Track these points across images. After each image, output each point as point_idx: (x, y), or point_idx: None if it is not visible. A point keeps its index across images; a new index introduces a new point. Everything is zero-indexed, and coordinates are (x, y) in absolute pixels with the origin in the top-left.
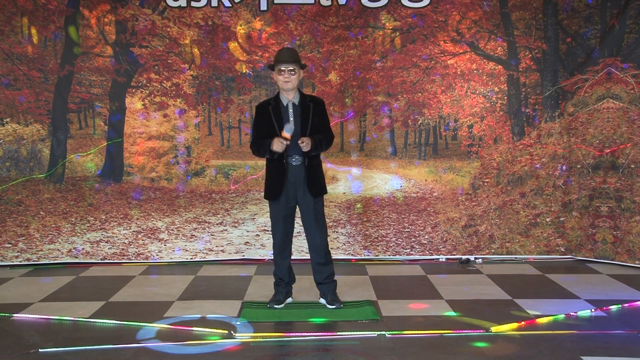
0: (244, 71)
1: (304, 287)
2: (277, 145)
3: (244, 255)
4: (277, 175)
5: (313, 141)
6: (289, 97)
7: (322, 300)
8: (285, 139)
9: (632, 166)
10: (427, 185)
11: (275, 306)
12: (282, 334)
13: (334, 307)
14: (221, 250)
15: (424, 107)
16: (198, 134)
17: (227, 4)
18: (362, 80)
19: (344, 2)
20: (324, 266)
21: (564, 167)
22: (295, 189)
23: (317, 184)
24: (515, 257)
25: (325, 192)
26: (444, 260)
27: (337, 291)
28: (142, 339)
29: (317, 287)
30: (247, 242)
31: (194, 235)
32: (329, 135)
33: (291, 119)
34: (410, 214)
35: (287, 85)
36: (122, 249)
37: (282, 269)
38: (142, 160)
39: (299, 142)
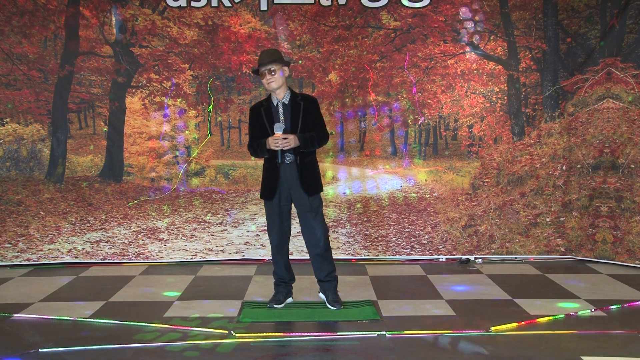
0: (244, 71)
1: (304, 287)
2: (273, 144)
3: (244, 255)
4: (271, 174)
5: (302, 138)
6: (279, 97)
7: (322, 295)
8: (278, 138)
9: (632, 166)
10: (427, 185)
11: (275, 306)
12: (282, 334)
13: (335, 308)
14: (221, 250)
15: (424, 107)
16: (198, 134)
17: (227, 4)
18: (362, 80)
19: (343, 2)
20: (324, 260)
21: (564, 167)
22: (288, 188)
23: (310, 182)
24: (515, 257)
25: (321, 189)
26: (444, 260)
27: (337, 291)
28: (142, 339)
29: (318, 284)
30: (247, 242)
31: (194, 235)
32: (322, 133)
33: (281, 117)
34: (410, 214)
35: (271, 85)
36: (122, 249)
37: (281, 268)
38: (142, 160)
39: (282, 138)
